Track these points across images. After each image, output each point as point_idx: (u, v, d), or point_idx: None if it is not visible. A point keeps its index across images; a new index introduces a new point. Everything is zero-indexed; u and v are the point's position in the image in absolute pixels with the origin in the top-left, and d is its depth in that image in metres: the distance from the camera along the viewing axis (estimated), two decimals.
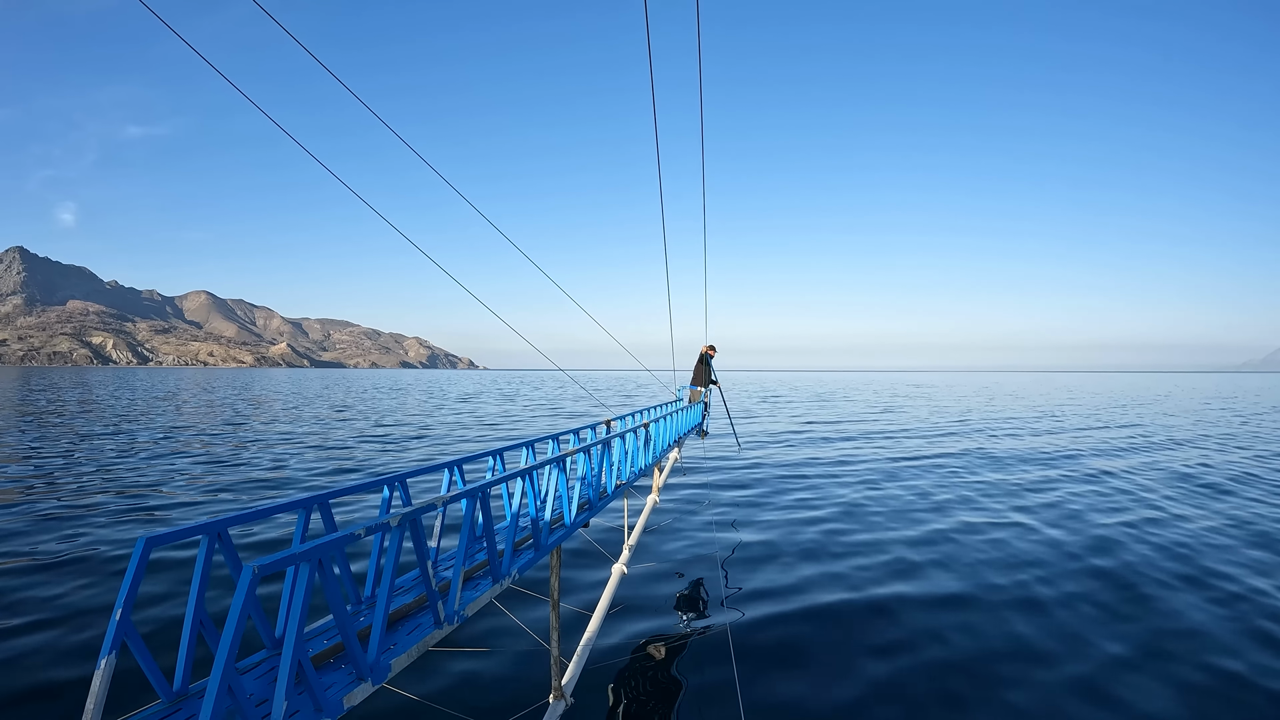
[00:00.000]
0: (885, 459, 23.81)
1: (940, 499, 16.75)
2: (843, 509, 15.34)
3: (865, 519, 14.43)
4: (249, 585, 2.78)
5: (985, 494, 17.46)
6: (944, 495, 17.25)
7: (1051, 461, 23.67)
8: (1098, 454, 25.89)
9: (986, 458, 24.48)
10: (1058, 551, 12.05)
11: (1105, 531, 13.48)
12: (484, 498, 4.64)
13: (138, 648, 3.26)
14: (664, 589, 10.00)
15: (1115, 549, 12.25)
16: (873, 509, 15.43)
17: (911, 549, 12.10)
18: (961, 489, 18.18)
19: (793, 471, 20.77)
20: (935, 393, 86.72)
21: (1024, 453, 25.94)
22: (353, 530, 3.41)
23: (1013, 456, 24.82)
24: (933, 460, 23.66)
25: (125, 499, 15.58)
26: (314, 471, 20.08)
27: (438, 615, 4.20)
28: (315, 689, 3.21)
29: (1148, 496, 17.37)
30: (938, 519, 14.51)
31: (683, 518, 14.15)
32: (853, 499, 16.52)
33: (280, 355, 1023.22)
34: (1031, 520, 14.45)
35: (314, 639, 4.14)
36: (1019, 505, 16.05)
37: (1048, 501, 16.58)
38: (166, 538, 3.36)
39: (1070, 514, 15.12)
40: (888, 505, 15.89)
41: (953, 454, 25.41)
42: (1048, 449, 27.23)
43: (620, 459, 8.26)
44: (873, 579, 10.43)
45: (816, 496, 16.76)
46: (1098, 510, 15.58)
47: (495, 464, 6.46)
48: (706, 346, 17.55)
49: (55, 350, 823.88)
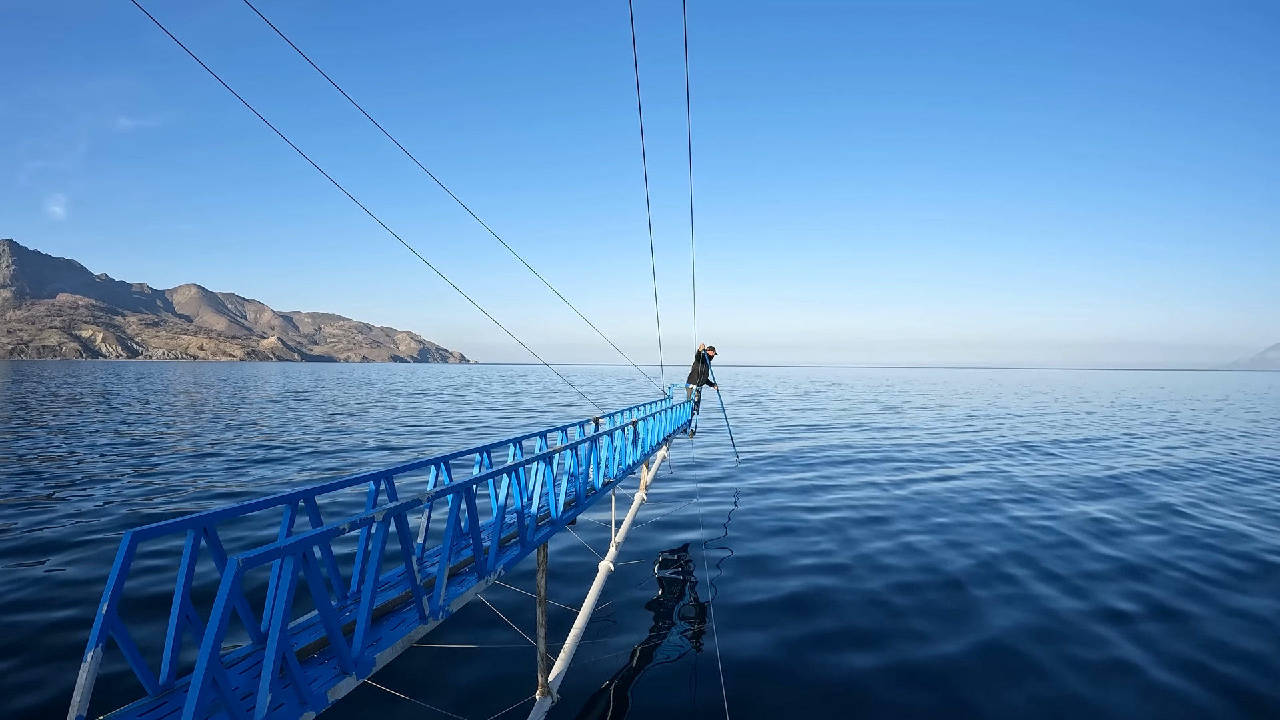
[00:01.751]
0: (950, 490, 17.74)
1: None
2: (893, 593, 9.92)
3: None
4: (234, 579, 2.81)
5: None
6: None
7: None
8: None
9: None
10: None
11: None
12: (470, 494, 4.69)
13: (124, 642, 3.29)
14: (651, 586, 10.06)
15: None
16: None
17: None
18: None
19: (808, 506, 15.44)
20: (943, 390, 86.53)
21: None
22: (338, 525, 3.45)
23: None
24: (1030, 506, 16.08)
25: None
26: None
27: (423, 610, 4.24)
28: (300, 682, 3.25)
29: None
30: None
31: (670, 515, 14.21)
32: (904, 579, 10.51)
33: (270, 349, 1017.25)
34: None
35: (299, 633, 4.17)
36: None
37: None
38: (152, 532, 3.39)
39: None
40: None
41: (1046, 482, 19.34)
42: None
43: (608, 457, 8.31)
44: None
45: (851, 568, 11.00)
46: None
47: (482, 460, 6.50)
48: (707, 347, 17.53)
49: (44, 344, 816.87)
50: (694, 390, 17.88)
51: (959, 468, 21.75)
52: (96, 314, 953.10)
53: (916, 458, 23.76)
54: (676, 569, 10.88)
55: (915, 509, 15.36)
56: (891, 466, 21.62)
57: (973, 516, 14.69)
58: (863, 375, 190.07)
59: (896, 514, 14.77)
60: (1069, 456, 24.80)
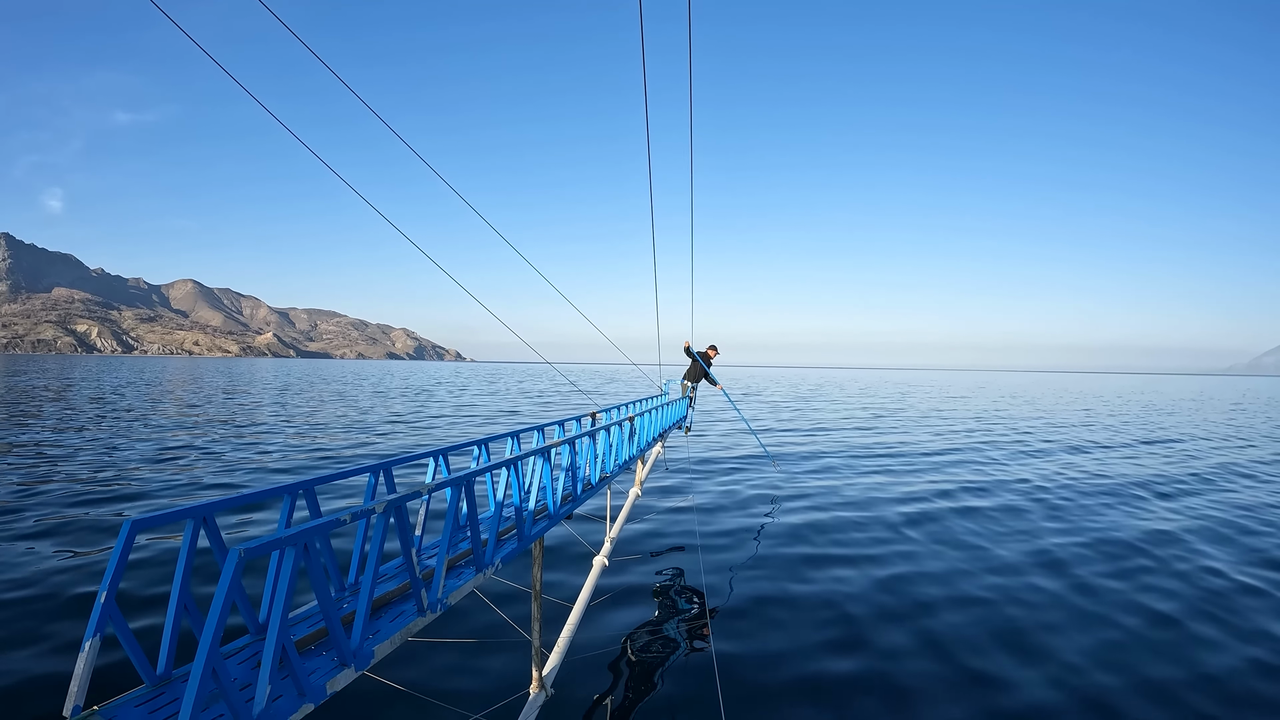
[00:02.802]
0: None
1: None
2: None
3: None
4: (234, 569, 2.82)
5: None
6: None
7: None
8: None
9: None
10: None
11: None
12: (469, 487, 4.70)
13: (122, 631, 3.29)
14: (645, 581, 10.08)
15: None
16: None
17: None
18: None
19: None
20: (982, 392, 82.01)
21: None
22: (338, 516, 3.45)
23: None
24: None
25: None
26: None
27: (421, 603, 4.25)
28: (298, 673, 3.25)
29: None
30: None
31: (665, 511, 14.24)
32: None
33: (266, 345, 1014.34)
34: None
35: (298, 624, 4.18)
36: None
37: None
38: (152, 521, 3.38)
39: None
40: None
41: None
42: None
43: (605, 451, 8.32)
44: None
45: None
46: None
47: (480, 453, 6.52)
48: (709, 347, 17.58)
49: (39, 338, 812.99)
50: (689, 387, 17.93)
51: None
52: (92, 308, 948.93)
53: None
54: (671, 564, 10.91)
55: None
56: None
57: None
58: (857, 377, 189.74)
59: (941, 511, 14.81)
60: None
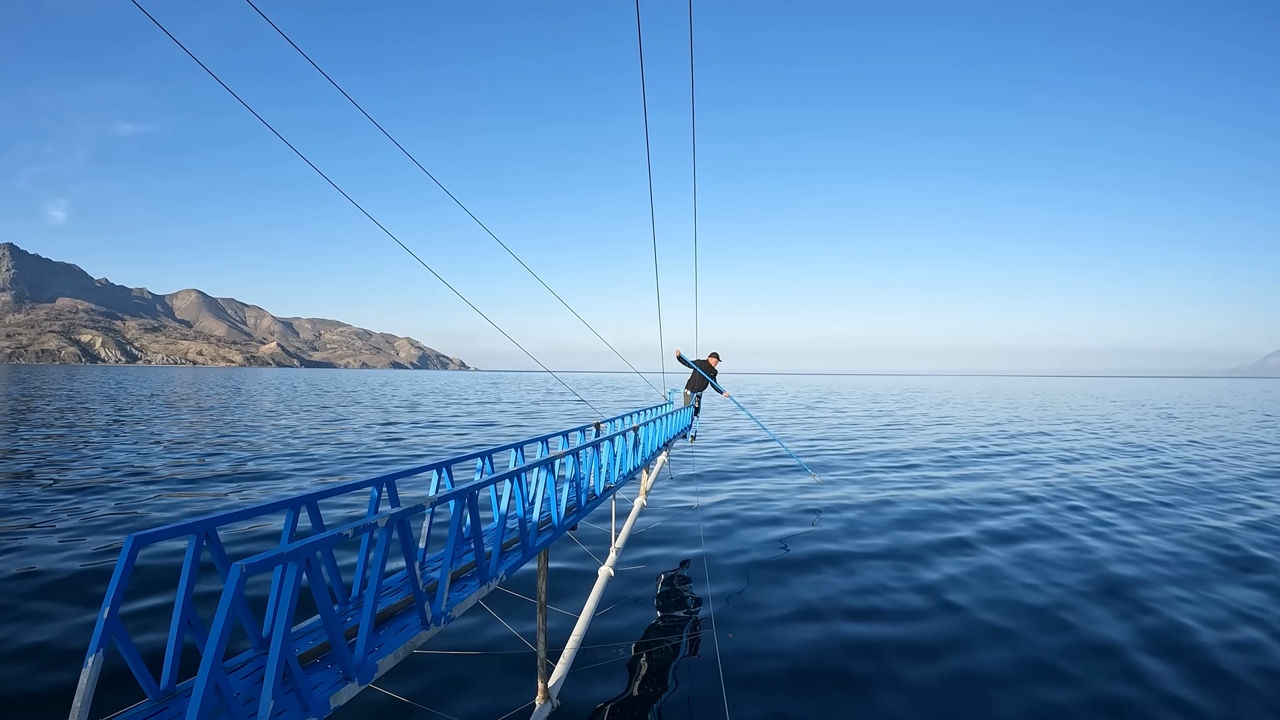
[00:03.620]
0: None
1: None
2: None
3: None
4: (236, 584, 2.80)
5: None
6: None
7: None
8: None
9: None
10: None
11: None
12: (472, 499, 4.68)
13: (125, 646, 3.28)
14: (650, 592, 10.04)
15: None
16: None
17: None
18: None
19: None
20: (1025, 400, 76.93)
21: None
22: (340, 530, 3.44)
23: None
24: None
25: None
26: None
27: (425, 616, 4.22)
28: (302, 688, 3.24)
29: None
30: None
31: (670, 520, 14.19)
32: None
33: (270, 355, 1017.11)
34: None
35: (301, 638, 4.16)
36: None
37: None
38: (154, 536, 3.38)
39: None
40: None
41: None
42: None
43: (609, 462, 8.30)
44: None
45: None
46: None
47: (484, 465, 6.50)
48: (710, 355, 17.52)
49: (43, 348, 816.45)
50: (691, 396, 17.88)
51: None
52: (96, 318, 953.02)
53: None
54: (678, 575, 10.86)
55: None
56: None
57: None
58: (864, 384, 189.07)
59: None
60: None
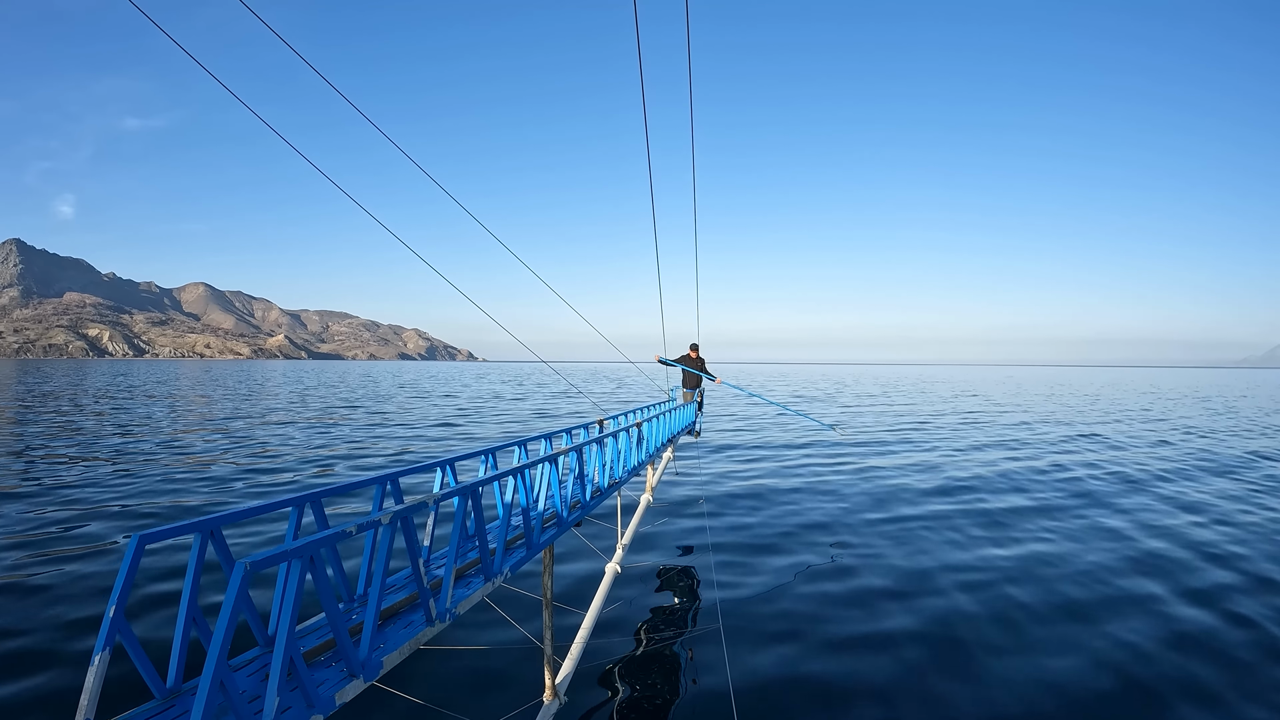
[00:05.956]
0: None
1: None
2: None
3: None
4: (241, 582, 2.81)
5: None
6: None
7: None
8: None
9: None
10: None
11: None
12: (476, 496, 4.68)
13: (131, 645, 3.29)
14: (657, 587, 10.05)
15: None
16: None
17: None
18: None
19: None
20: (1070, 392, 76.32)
21: None
22: (345, 528, 3.44)
23: None
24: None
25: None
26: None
27: (429, 613, 4.22)
28: (307, 685, 3.24)
29: None
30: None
31: (676, 516, 14.19)
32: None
33: (277, 347, 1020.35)
34: None
35: (306, 636, 4.16)
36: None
37: None
38: (159, 535, 3.38)
39: None
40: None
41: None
42: None
43: (613, 458, 8.29)
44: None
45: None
46: None
47: (488, 462, 6.50)
48: (690, 347, 16.89)
49: (51, 343, 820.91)
50: (693, 395, 17.67)
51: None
52: (103, 312, 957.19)
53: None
54: (684, 571, 10.86)
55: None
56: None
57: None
58: (866, 372, 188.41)
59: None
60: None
